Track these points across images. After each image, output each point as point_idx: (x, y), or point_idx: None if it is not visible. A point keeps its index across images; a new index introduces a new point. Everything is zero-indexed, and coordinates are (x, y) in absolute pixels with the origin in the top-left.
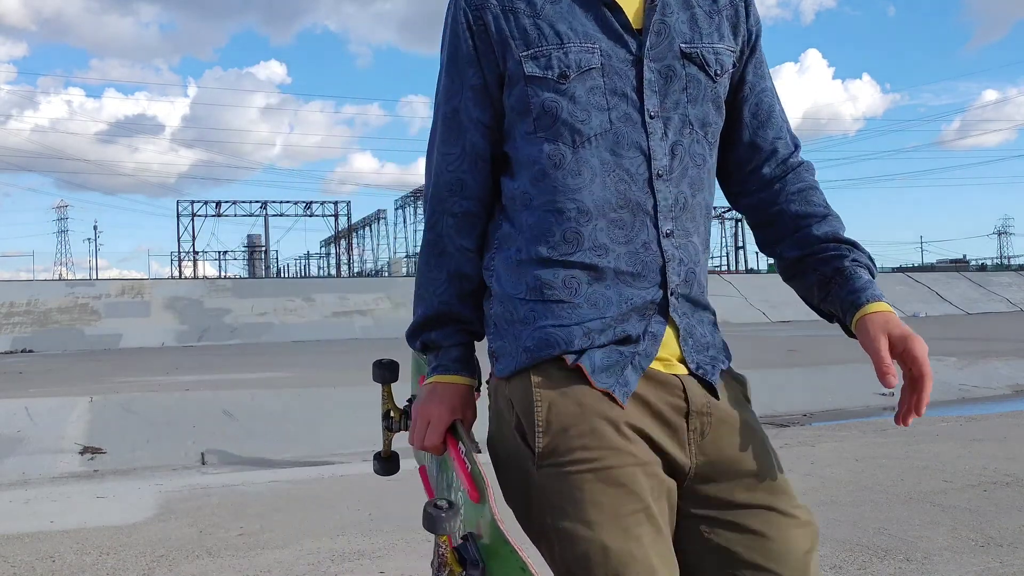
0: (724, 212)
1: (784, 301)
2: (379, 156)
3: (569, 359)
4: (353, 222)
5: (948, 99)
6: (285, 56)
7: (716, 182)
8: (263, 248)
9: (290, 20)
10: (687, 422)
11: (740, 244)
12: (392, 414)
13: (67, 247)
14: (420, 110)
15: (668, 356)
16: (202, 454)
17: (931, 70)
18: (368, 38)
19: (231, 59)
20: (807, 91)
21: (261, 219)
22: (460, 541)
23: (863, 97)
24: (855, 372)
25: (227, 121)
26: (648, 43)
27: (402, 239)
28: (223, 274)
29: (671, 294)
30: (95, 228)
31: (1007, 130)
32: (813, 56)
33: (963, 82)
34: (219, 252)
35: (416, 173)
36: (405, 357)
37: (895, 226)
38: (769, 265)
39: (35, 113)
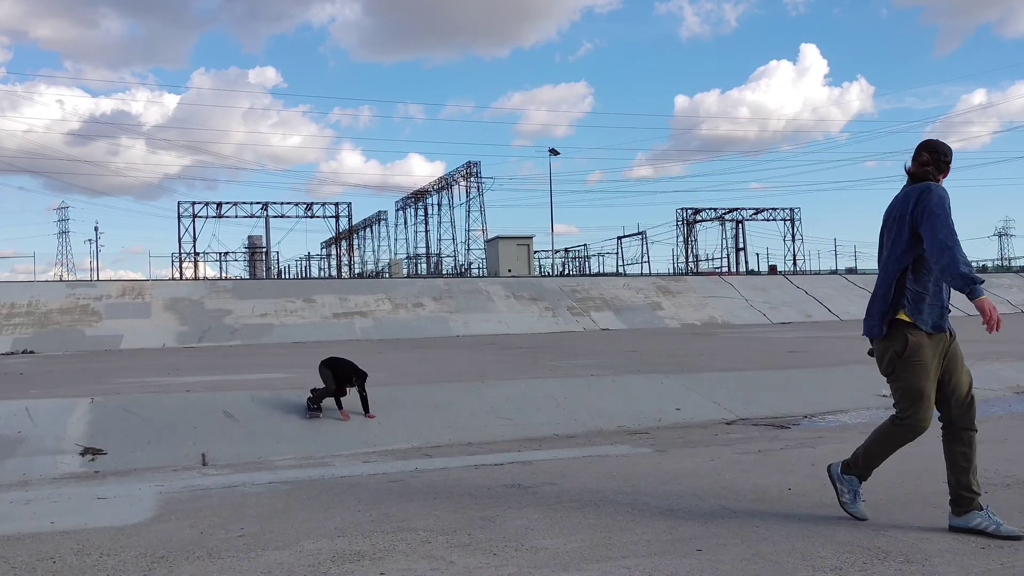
0: (724, 213)
1: (784, 302)
2: (380, 158)
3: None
4: (354, 223)
5: (942, 101)
6: (283, 60)
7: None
8: (264, 249)
9: (276, 22)
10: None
11: (740, 246)
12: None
13: (67, 248)
14: (414, 112)
15: None
16: (203, 455)
17: (925, 71)
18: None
19: (223, 61)
20: (800, 90)
21: (262, 220)
22: None
23: (858, 98)
24: (855, 373)
25: (225, 123)
26: None
27: (403, 240)
28: (224, 275)
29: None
30: (96, 229)
31: (1008, 131)
32: (810, 54)
33: (951, 84)
34: (220, 253)
35: (413, 174)
36: (403, 358)
37: None
38: (769, 267)
39: (23, 113)
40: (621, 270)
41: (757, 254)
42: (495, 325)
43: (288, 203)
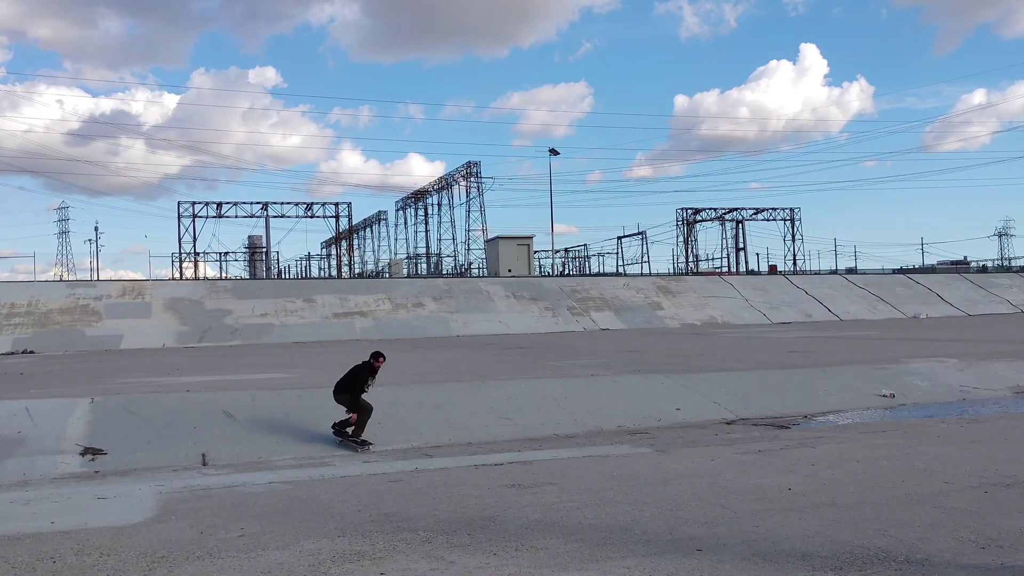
0: (724, 213)
1: (784, 302)
2: (380, 158)
3: None
4: (354, 223)
5: (942, 101)
6: (283, 60)
7: None
8: (264, 249)
9: (275, 22)
10: None
11: (741, 246)
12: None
13: (67, 248)
14: (414, 112)
15: None
16: (203, 455)
17: (924, 71)
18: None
19: (222, 61)
20: (800, 91)
21: (262, 220)
22: None
23: (858, 98)
24: (855, 373)
25: (225, 123)
26: None
27: (403, 240)
28: (224, 275)
29: None
30: (96, 229)
31: (1008, 131)
32: (810, 54)
33: (950, 84)
34: (220, 253)
35: (413, 174)
36: (403, 358)
37: (895, 227)
38: (769, 267)
39: (23, 113)
40: (621, 270)
41: (757, 254)
42: (495, 325)
43: (288, 203)
